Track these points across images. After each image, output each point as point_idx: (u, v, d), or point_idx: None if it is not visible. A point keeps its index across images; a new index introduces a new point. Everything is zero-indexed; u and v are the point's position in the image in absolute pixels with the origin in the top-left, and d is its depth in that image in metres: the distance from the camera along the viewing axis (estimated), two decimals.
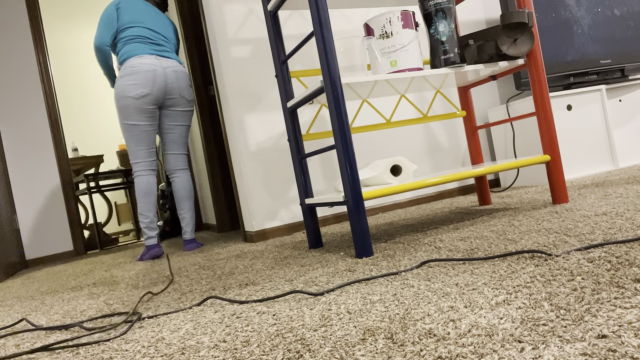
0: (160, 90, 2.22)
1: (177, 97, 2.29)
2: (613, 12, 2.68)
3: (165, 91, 2.24)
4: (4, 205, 2.81)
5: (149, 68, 2.19)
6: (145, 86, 2.18)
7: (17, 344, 1.00)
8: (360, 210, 1.30)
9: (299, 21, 2.36)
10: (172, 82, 2.25)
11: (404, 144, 2.56)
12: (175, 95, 2.28)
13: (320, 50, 1.31)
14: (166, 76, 2.23)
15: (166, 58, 2.29)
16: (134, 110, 2.20)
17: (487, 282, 0.84)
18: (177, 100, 2.31)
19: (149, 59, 2.21)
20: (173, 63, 2.30)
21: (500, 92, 2.85)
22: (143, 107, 2.20)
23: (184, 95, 2.33)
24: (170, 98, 2.28)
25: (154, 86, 2.19)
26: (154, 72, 2.20)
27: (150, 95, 2.20)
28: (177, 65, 2.31)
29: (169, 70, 2.25)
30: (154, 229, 2.26)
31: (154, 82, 2.19)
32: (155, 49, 2.27)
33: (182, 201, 2.40)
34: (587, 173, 2.50)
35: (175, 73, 2.27)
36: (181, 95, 2.31)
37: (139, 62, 2.19)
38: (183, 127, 2.40)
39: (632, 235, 0.99)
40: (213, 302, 1.08)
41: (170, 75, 2.25)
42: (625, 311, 0.60)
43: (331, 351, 0.65)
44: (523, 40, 1.57)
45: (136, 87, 2.17)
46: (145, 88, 2.18)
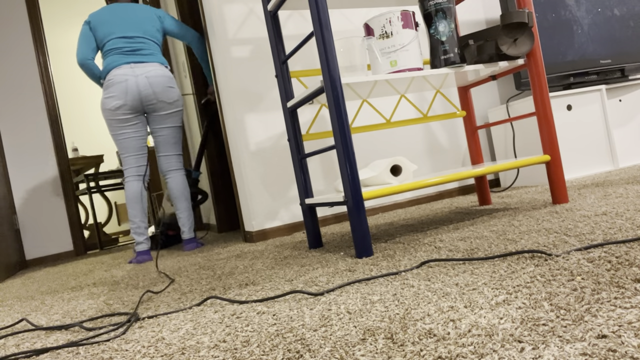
0: (134, 100, 2.22)
1: (155, 102, 2.27)
2: (613, 12, 2.68)
3: (141, 99, 2.23)
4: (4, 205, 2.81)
5: (121, 79, 2.21)
6: (119, 97, 2.21)
7: (17, 344, 1.00)
8: (360, 210, 1.30)
9: (299, 21, 2.36)
10: (146, 89, 2.23)
11: (404, 144, 2.56)
12: (152, 100, 2.26)
13: (320, 50, 1.31)
14: (138, 84, 2.22)
15: (142, 64, 2.26)
16: (114, 121, 2.24)
17: (487, 282, 0.84)
18: (157, 105, 2.28)
19: (123, 69, 2.22)
20: (148, 68, 2.26)
21: (500, 92, 2.85)
22: (122, 118, 2.24)
23: (163, 99, 2.28)
24: (149, 104, 2.27)
25: (127, 96, 2.20)
26: (126, 83, 2.20)
27: (125, 105, 2.22)
28: (151, 70, 2.26)
29: (141, 77, 2.23)
30: (142, 235, 2.27)
31: (127, 92, 2.20)
32: (131, 58, 2.25)
33: (176, 201, 2.39)
34: (587, 173, 2.50)
35: (147, 79, 2.24)
36: (159, 100, 2.27)
37: (114, 74, 2.22)
38: (170, 129, 2.38)
39: (632, 235, 0.99)
40: (213, 302, 1.08)
41: (142, 83, 2.22)
42: (625, 311, 0.60)
43: (331, 351, 0.65)
44: (523, 40, 1.57)
45: (112, 100, 2.21)
46: (119, 100, 2.21)
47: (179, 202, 2.39)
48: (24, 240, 3.12)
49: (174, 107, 2.34)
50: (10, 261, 2.70)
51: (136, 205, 2.26)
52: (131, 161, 2.29)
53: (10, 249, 2.76)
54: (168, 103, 2.31)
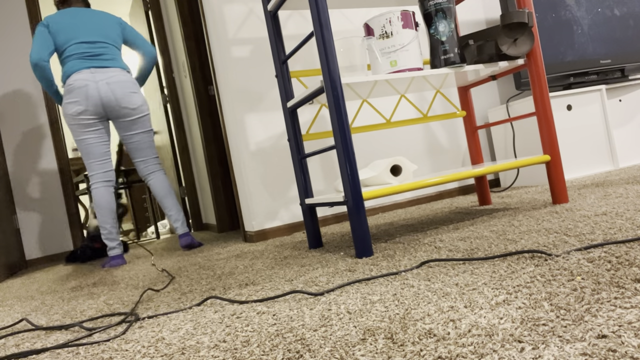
0: (95, 105, 2.19)
1: (117, 108, 2.24)
2: (613, 12, 2.68)
3: (102, 105, 2.20)
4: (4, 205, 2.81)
5: (82, 84, 2.17)
6: (80, 103, 2.17)
7: (17, 344, 1.00)
8: (360, 210, 1.30)
9: (299, 21, 2.36)
10: (107, 95, 2.20)
11: (404, 144, 2.56)
12: (114, 107, 2.23)
13: (320, 50, 1.31)
14: (99, 90, 2.18)
15: (103, 69, 2.22)
16: (76, 126, 2.21)
17: (487, 282, 0.84)
18: (121, 111, 2.25)
19: (83, 74, 2.18)
20: (109, 74, 2.22)
21: (500, 92, 2.85)
22: (84, 123, 2.20)
23: (125, 105, 2.24)
24: (112, 111, 2.24)
25: (88, 101, 2.17)
26: (86, 88, 2.17)
27: (87, 110, 2.18)
28: (113, 76, 2.23)
29: (102, 83, 2.19)
30: (114, 240, 2.26)
31: (87, 97, 2.17)
32: (92, 62, 2.21)
33: (163, 200, 2.37)
34: (587, 173, 2.50)
35: (108, 85, 2.20)
36: (121, 106, 2.24)
37: (74, 79, 2.18)
38: (140, 135, 2.34)
39: (632, 235, 0.99)
40: (213, 302, 1.08)
41: (103, 89, 2.19)
42: (625, 311, 0.60)
43: (331, 351, 0.65)
44: (523, 40, 1.57)
45: (73, 105, 2.17)
46: (80, 105, 2.17)
47: (165, 201, 2.37)
48: (24, 240, 3.12)
49: (138, 112, 2.31)
50: (10, 261, 2.70)
51: (105, 212, 2.25)
52: (96, 167, 2.26)
53: (10, 249, 2.76)
54: (132, 109, 2.27)
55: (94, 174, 2.26)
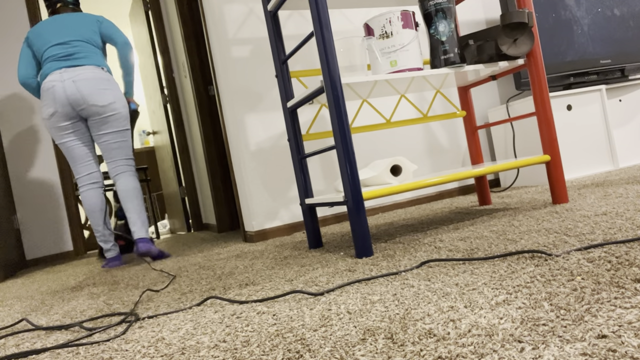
0: (64, 105, 2.10)
1: (84, 106, 2.11)
2: (613, 12, 2.68)
3: (70, 104, 2.10)
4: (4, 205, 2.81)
5: (49, 86, 2.10)
6: (49, 105, 2.11)
7: (17, 344, 1.00)
8: (360, 210, 1.30)
9: (299, 21, 2.36)
10: (73, 93, 2.09)
11: (404, 144, 2.56)
12: (82, 105, 2.11)
13: (320, 50, 1.31)
14: (65, 89, 2.08)
15: (73, 67, 2.12)
16: (53, 130, 2.16)
17: (487, 282, 0.84)
18: (89, 109, 2.13)
19: (53, 76, 2.11)
20: (77, 72, 2.11)
21: (500, 92, 2.85)
22: (57, 126, 2.14)
23: (93, 102, 2.11)
24: (81, 109, 2.13)
25: (56, 103, 2.09)
26: (53, 89, 2.09)
27: (57, 112, 2.11)
28: (81, 73, 2.11)
29: (68, 82, 2.09)
30: (108, 242, 2.22)
31: (55, 98, 2.09)
32: (64, 63, 2.13)
33: (125, 201, 2.21)
34: (587, 173, 2.50)
35: (75, 83, 2.09)
36: (89, 104, 2.11)
37: (45, 82, 2.12)
38: (110, 135, 2.20)
39: (632, 235, 0.99)
40: (213, 302, 1.08)
41: (69, 88, 2.09)
42: (625, 311, 0.60)
43: (331, 351, 0.65)
44: (523, 40, 1.57)
45: (45, 108, 2.13)
46: (49, 107, 2.11)
47: (128, 202, 2.20)
48: (24, 240, 3.12)
49: (109, 110, 2.16)
50: (10, 261, 2.70)
51: (96, 214, 2.20)
52: (80, 169, 2.21)
53: (10, 249, 2.76)
54: (101, 106, 2.13)
55: (79, 177, 2.22)
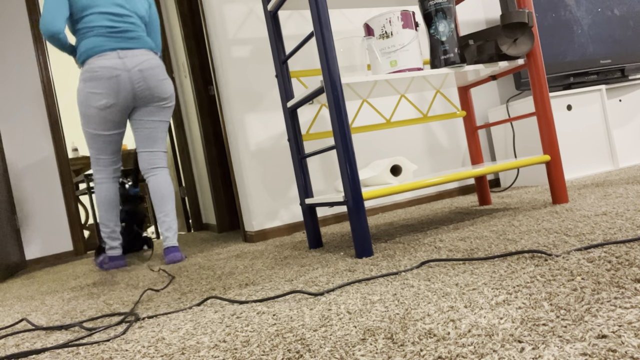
0: (127, 99, 1.93)
1: (149, 97, 1.98)
2: (613, 12, 2.68)
3: (134, 97, 1.94)
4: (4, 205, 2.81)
5: (111, 73, 1.87)
6: (109, 96, 1.89)
7: (17, 344, 1.00)
8: (360, 210, 1.30)
9: (299, 21, 2.36)
10: (140, 85, 1.92)
11: (404, 144, 2.56)
12: (146, 96, 1.97)
13: (320, 50, 1.31)
14: (132, 82, 1.91)
15: (131, 51, 1.92)
16: (98, 119, 1.94)
17: (487, 282, 0.84)
18: (149, 99, 1.99)
19: (111, 60, 1.87)
20: (140, 58, 1.92)
21: (500, 92, 2.85)
22: (111, 119, 1.95)
23: (157, 94, 1.99)
24: (142, 100, 1.98)
25: (119, 95, 1.90)
26: (117, 80, 1.88)
27: (116, 105, 1.92)
28: (144, 61, 1.93)
29: (135, 71, 1.91)
30: (116, 239, 2.07)
31: (119, 90, 1.89)
32: (117, 42, 1.90)
33: (162, 203, 2.03)
34: (587, 173, 2.50)
35: (141, 73, 1.92)
36: (153, 95, 1.98)
37: (99, 66, 1.86)
38: (159, 123, 2.06)
39: (632, 235, 0.99)
40: (213, 302, 1.08)
41: (137, 79, 1.91)
42: (625, 311, 0.60)
43: (331, 351, 0.65)
44: (523, 40, 1.57)
45: (100, 97, 1.88)
46: (109, 98, 1.89)
47: (164, 204, 2.03)
48: (24, 240, 3.12)
49: (169, 102, 2.06)
50: (10, 261, 2.70)
51: (111, 209, 2.05)
52: (106, 162, 2.04)
53: (10, 249, 2.76)
54: (164, 98, 2.02)
55: (103, 168, 2.03)
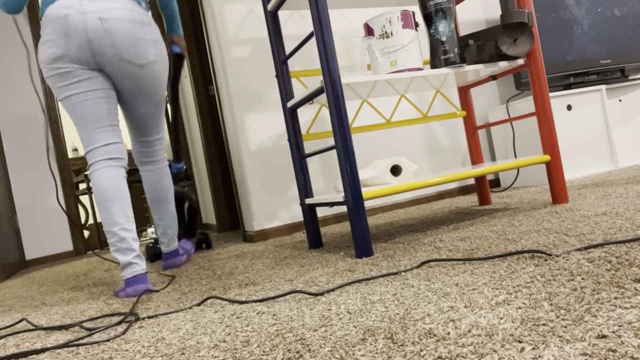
0: (79, 49, 1.37)
1: (114, 60, 1.42)
2: (613, 12, 2.68)
3: (90, 50, 1.38)
4: (4, 205, 2.81)
5: (59, 13, 1.36)
6: (56, 43, 1.37)
7: (17, 344, 1.00)
8: (360, 210, 1.30)
9: (299, 21, 2.36)
10: (98, 36, 1.37)
11: (404, 144, 2.56)
12: (109, 56, 1.41)
13: (320, 50, 1.31)
14: (86, 26, 1.36)
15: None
16: (55, 79, 1.41)
17: (487, 282, 0.84)
18: (119, 66, 1.43)
19: (65, 1, 1.37)
20: (107, 5, 1.40)
21: (500, 92, 2.85)
22: (61, 72, 1.40)
23: (128, 57, 1.43)
24: (106, 62, 1.42)
25: (68, 42, 1.36)
26: (65, 20, 1.36)
27: (66, 56, 1.38)
28: (113, 9, 1.40)
29: (92, 17, 1.37)
30: (129, 251, 1.37)
31: (67, 34, 1.36)
32: None
33: (155, 203, 1.69)
34: (587, 173, 2.50)
35: (102, 22, 1.38)
36: (121, 59, 1.42)
37: (51, 7, 1.38)
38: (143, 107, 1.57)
39: (632, 235, 0.99)
40: (213, 302, 1.08)
41: (93, 26, 1.37)
42: (625, 311, 0.60)
43: (331, 351, 0.65)
44: (523, 40, 1.57)
45: (47, 47, 1.38)
46: (56, 47, 1.37)
47: (159, 205, 1.69)
48: (24, 240, 3.12)
49: (149, 72, 1.50)
50: (10, 261, 2.70)
51: (114, 205, 1.38)
52: (95, 137, 1.43)
53: (10, 249, 2.76)
54: (139, 66, 1.46)
55: (92, 148, 1.43)
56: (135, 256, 1.38)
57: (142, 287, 1.35)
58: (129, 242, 1.37)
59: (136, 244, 1.39)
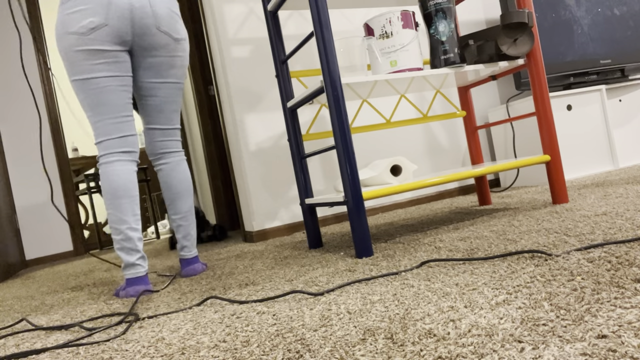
0: (121, 19, 1.33)
1: (153, 32, 1.39)
2: (613, 12, 2.68)
3: (133, 24, 1.35)
4: (4, 205, 2.81)
5: None
6: (94, 12, 1.30)
7: (17, 344, 1.00)
8: (360, 210, 1.30)
9: (299, 21, 2.36)
10: (142, 5, 1.35)
11: (404, 144, 2.56)
12: (151, 30, 1.38)
13: (320, 50, 1.31)
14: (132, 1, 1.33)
15: None
16: (83, 54, 1.32)
17: (487, 282, 0.84)
18: (155, 38, 1.40)
19: None
20: None
21: (500, 92, 2.85)
22: (95, 48, 1.32)
23: (166, 29, 1.41)
24: (145, 36, 1.38)
25: (110, 13, 1.31)
26: None
27: (106, 27, 1.31)
28: None
29: None
30: (135, 251, 1.35)
31: (109, 5, 1.31)
32: None
33: (176, 201, 1.55)
34: (587, 173, 2.50)
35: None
36: (160, 30, 1.40)
37: None
38: (172, 86, 1.50)
39: (632, 235, 0.99)
40: (213, 302, 1.08)
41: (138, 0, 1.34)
42: (625, 311, 0.60)
43: (331, 351, 0.65)
44: (523, 40, 1.57)
45: (83, 15, 1.30)
46: (94, 16, 1.30)
47: (180, 203, 1.55)
48: (24, 240, 3.12)
49: (181, 48, 1.48)
50: (10, 261, 2.70)
51: (125, 202, 1.34)
52: (111, 127, 1.37)
53: (10, 249, 2.76)
54: (175, 39, 1.44)
55: (107, 139, 1.36)
56: (139, 257, 1.36)
57: (142, 287, 1.35)
58: (134, 242, 1.35)
59: (141, 244, 1.37)
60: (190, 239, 1.57)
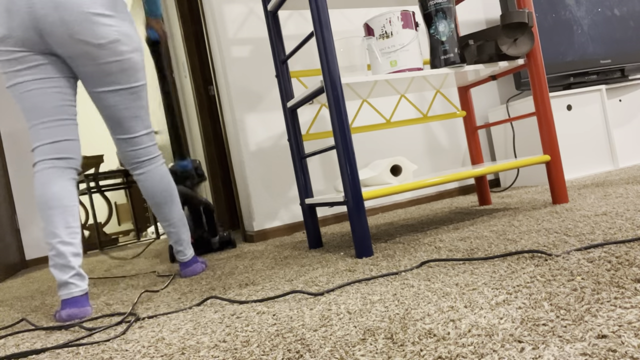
0: (24, 29, 1.19)
1: (67, 40, 1.22)
2: (613, 12, 2.68)
3: (36, 29, 1.19)
4: (4, 205, 2.81)
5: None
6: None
7: (17, 344, 1.00)
8: (360, 210, 1.30)
9: (299, 21, 2.36)
10: (47, 13, 1.18)
11: (404, 144, 2.56)
12: (61, 36, 1.21)
13: (320, 50, 1.31)
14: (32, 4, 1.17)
15: None
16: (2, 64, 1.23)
17: (487, 282, 0.84)
18: (75, 47, 1.23)
19: None
20: None
21: (500, 92, 2.85)
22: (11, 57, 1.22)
23: (82, 36, 1.22)
24: (59, 43, 1.22)
25: (11, 22, 1.18)
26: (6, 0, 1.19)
27: (10, 38, 1.19)
28: None
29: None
30: (68, 268, 1.17)
31: (9, 12, 1.18)
32: None
33: (159, 208, 1.48)
34: (587, 173, 2.50)
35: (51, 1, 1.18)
36: (74, 38, 1.22)
37: None
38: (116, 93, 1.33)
39: (632, 235, 0.99)
40: (213, 302, 1.08)
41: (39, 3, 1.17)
42: (625, 311, 0.60)
43: (331, 351, 0.65)
44: (523, 40, 1.57)
45: None
46: None
47: (163, 209, 1.48)
48: (24, 240, 3.12)
49: (111, 53, 1.27)
50: (10, 261, 2.70)
51: (55, 214, 1.19)
52: (40, 133, 1.25)
53: (10, 249, 2.76)
54: (95, 45, 1.24)
55: (39, 145, 1.25)
56: (73, 275, 1.17)
57: (77, 312, 1.16)
58: (67, 258, 1.17)
59: (77, 260, 1.19)
60: (183, 243, 1.52)
